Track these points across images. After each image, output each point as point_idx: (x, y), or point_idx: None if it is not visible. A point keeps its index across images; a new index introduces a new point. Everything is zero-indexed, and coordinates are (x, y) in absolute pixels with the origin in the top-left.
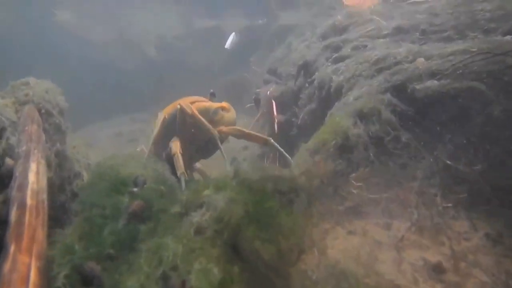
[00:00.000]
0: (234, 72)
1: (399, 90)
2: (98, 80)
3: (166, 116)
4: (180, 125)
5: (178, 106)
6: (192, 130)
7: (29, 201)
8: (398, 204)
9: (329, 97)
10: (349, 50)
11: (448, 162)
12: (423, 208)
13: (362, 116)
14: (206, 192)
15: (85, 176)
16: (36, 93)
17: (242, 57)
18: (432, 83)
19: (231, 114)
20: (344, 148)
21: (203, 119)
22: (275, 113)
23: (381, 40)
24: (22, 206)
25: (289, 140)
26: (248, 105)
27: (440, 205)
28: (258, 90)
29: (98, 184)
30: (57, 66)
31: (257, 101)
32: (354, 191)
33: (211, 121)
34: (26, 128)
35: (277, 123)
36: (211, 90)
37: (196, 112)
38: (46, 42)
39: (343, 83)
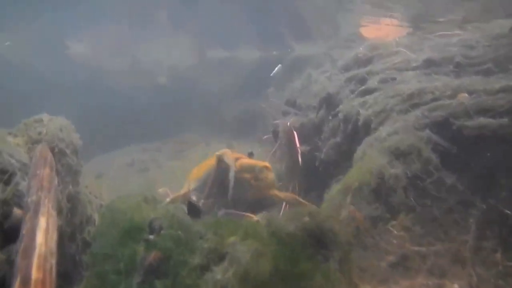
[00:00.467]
0: (247, 103)
1: (441, 126)
2: (110, 110)
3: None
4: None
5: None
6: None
7: (34, 274)
8: (449, 260)
9: (356, 132)
10: (376, 82)
11: (507, 211)
12: (481, 267)
13: (399, 154)
14: (232, 239)
15: (97, 219)
16: (50, 131)
17: (256, 88)
18: (488, 121)
19: (272, 175)
20: (381, 190)
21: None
22: (297, 143)
23: (411, 72)
24: (26, 281)
25: (313, 174)
26: (266, 136)
27: (501, 264)
28: (276, 121)
29: (110, 232)
30: (69, 98)
31: (275, 133)
32: (395, 241)
33: (257, 179)
34: (38, 172)
35: (301, 154)
36: (250, 151)
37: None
38: (58, 74)
39: (371, 117)
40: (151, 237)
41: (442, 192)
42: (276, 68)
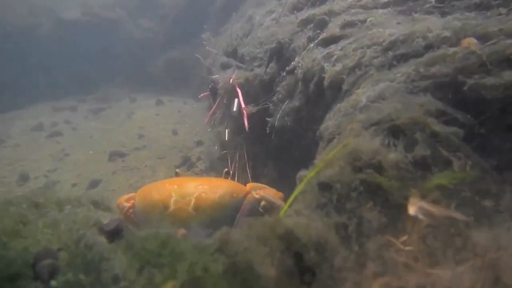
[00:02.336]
0: (177, 51)
1: (449, 88)
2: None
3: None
4: None
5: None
6: None
7: None
8: None
9: (320, 94)
10: (340, 26)
11: None
12: None
13: (397, 131)
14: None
15: None
16: None
17: (186, 31)
18: None
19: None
20: (377, 184)
21: None
22: (242, 103)
23: (381, 11)
24: None
25: (263, 142)
26: (202, 94)
27: None
28: (214, 76)
29: None
30: None
31: (213, 90)
32: (401, 260)
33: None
34: None
35: (247, 116)
36: (177, 170)
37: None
38: None
39: (342, 75)
40: None
41: (464, 186)
42: (235, 102)
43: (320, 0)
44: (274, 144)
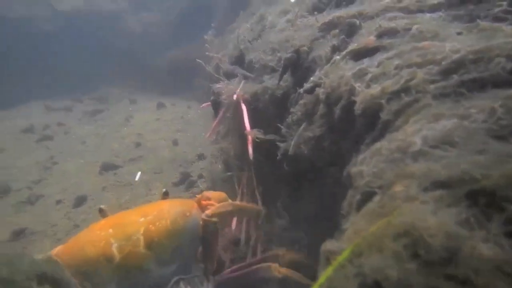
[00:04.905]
0: (182, 50)
1: None
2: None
3: None
4: None
5: None
6: None
7: None
8: None
9: (350, 122)
10: (374, 34)
11: None
12: None
13: (486, 200)
14: None
15: None
16: None
17: (193, 27)
18: None
19: None
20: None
21: None
22: (247, 125)
23: (429, 16)
24: None
25: (273, 169)
26: (203, 104)
27: None
28: (218, 86)
29: None
30: None
31: (215, 103)
32: None
33: None
34: None
35: (251, 142)
36: (101, 206)
37: None
38: None
39: (380, 100)
40: None
41: None
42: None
43: (346, 0)
44: (287, 172)
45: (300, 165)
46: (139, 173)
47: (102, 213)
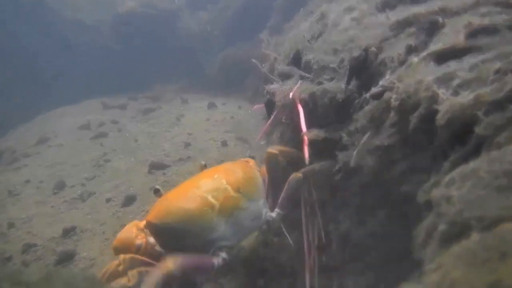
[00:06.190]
0: (236, 47)
1: None
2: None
3: None
4: None
5: None
6: None
7: None
8: None
9: (429, 134)
10: (463, 33)
11: None
12: None
13: None
14: None
15: None
16: None
17: (246, 28)
18: None
19: None
20: None
21: None
22: (303, 126)
23: None
24: None
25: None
26: (256, 106)
27: None
28: (272, 86)
29: None
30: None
31: (270, 104)
32: None
33: None
34: None
35: (308, 145)
36: (156, 186)
37: None
38: None
39: (474, 111)
40: None
41: None
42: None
43: None
44: (344, 186)
45: (362, 179)
46: None
47: (158, 193)
